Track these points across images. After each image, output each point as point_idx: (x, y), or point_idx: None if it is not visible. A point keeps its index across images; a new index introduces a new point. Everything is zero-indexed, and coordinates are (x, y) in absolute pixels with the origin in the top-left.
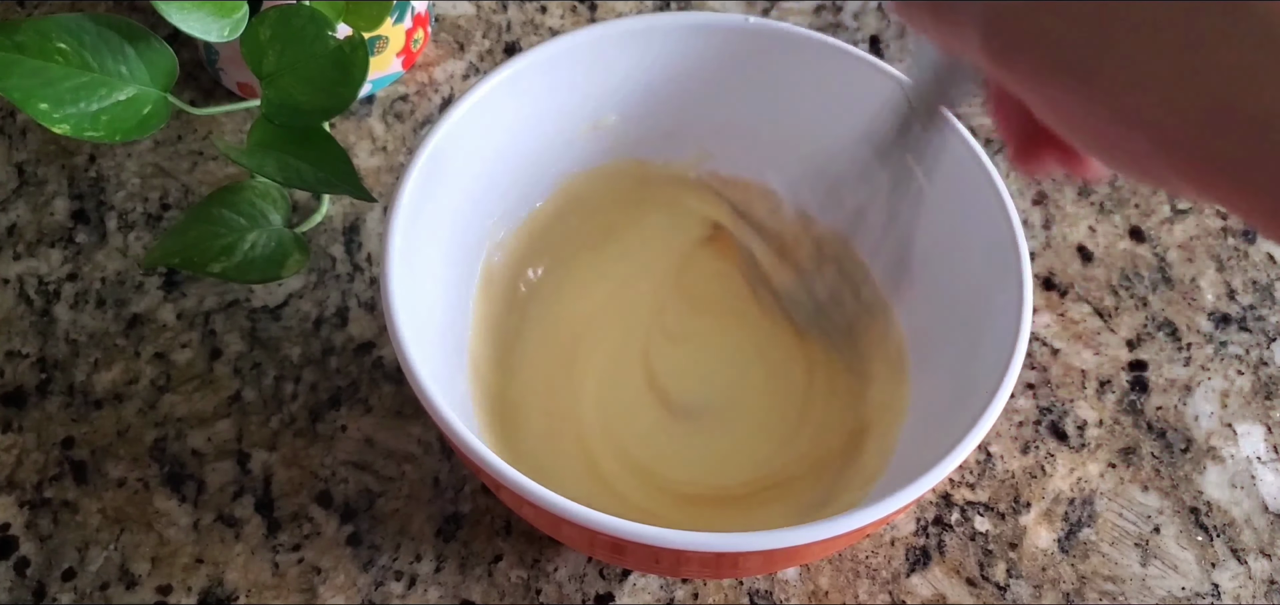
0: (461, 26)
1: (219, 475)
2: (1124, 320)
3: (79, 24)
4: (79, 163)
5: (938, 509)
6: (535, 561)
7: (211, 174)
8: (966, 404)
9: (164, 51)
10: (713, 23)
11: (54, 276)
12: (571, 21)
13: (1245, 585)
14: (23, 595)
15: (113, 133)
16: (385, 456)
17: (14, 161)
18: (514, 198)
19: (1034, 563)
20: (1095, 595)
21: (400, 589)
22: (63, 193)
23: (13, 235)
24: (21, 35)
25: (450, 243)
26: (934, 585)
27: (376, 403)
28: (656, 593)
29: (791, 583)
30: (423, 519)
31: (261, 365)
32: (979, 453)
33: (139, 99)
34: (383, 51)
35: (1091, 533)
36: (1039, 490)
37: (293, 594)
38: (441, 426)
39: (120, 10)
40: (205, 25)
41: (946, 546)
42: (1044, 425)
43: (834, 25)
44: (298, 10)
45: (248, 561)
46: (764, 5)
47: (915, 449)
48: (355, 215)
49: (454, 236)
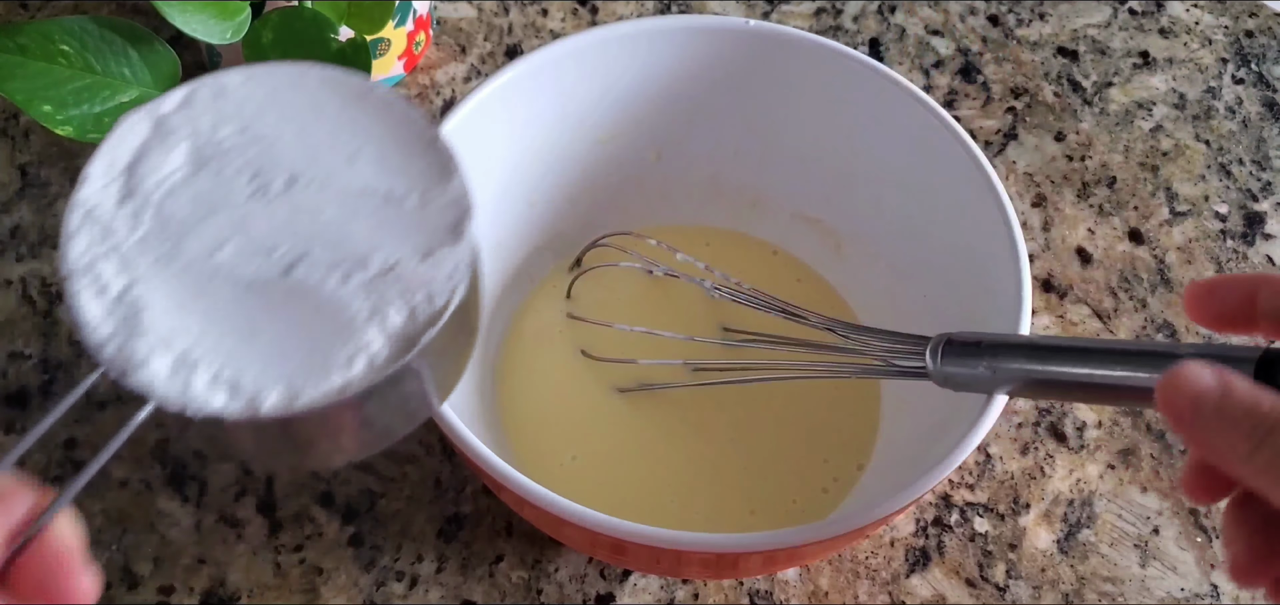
0: (463, 29)
1: (221, 476)
2: (1123, 322)
3: (82, 26)
4: (82, 164)
5: (937, 510)
6: (536, 562)
7: None
8: (966, 405)
9: (166, 54)
10: (713, 26)
11: (57, 278)
12: (573, 24)
13: None
14: None
15: None
16: (387, 458)
17: (17, 163)
18: (516, 199)
19: (1033, 563)
20: (1094, 596)
21: (402, 589)
22: (66, 195)
23: (16, 237)
24: (25, 38)
25: None
26: (933, 586)
27: None
28: (657, 593)
29: (791, 583)
30: (424, 520)
31: None
32: (978, 454)
33: (141, 101)
34: (385, 54)
35: (1091, 534)
36: (1038, 491)
37: (294, 594)
38: (443, 427)
39: (123, 12)
40: (208, 27)
41: (946, 547)
42: (1043, 426)
43: (834, 28)
44: (300, 12)
45: (250, 562)
46: (764, 8)
47: (914, 450)
48: None
49: None
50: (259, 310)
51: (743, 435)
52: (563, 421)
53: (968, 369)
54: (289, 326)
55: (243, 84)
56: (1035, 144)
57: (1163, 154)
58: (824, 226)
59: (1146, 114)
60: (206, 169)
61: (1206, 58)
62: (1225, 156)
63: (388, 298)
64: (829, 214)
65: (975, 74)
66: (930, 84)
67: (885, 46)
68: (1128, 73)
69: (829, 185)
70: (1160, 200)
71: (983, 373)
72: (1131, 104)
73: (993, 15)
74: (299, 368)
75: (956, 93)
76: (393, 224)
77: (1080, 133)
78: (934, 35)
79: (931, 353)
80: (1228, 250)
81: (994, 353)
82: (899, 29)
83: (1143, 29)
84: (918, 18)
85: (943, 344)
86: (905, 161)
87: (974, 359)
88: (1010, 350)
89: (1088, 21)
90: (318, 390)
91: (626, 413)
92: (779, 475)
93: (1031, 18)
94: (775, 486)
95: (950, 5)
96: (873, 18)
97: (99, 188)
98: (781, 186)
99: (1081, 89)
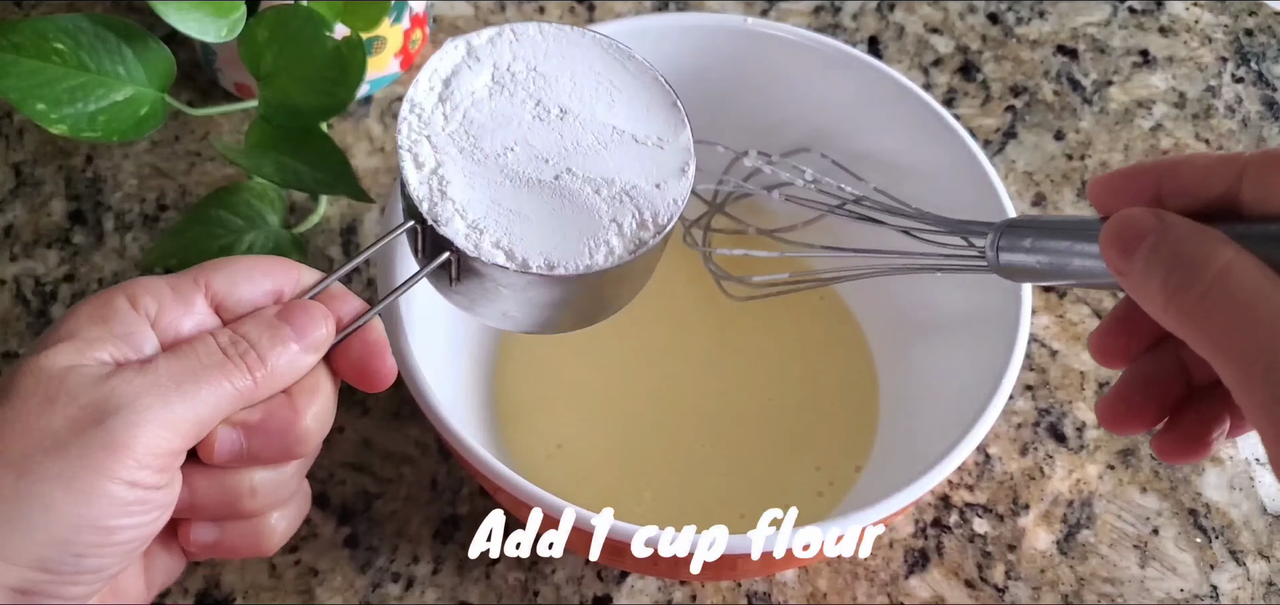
0: (459, 27)
1: None
2: None
3: (76, 24)
4: (76, 163)
5: (936, 510)
6: (533, 563)
7: (209, 175)
8: (965, 405)
9: (161, 52)
10: (711, 24)
11: (51, 277)
12: (570, 22)
13: (1244, 587)
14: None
15: (110, 133)
16: (383, 458)
17: (11, 162)
18: None
19: (1033, 564)
20: (1094, 597)
21: (397, 590)
22: (60, 193)
23: (10, 236)
24: (19, 35)
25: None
26: (932, 587)
27: (374, 404)
28: (654, 594)
29: (790, 584)
30: (420, 521)
31: None
32: (978, 454)
33: (136, 99)
34: (380, 52)
35: (1090, 534)
36: (1038, 492)
37: (290, 595)
38: (439, 428)
39: (117, 11)
40: (203, 26)
41: (945, 548)
42: (1043, 427)
43: (833, 26)
44: (295, 11)
45: (245, 563)
46: (763, 6)
47: (913, 450)
48: (353, 216)
49: None
50: (531, 202)
51: (741, 435)
52: (561, 421)
53: (1020, 258)
54: (552, 217)
55: (536, 34)
56: (1035, 142)
57: (1162, 153)
58: (823, 225)
59: (1146, 113)
60: (502, 91)
61: (1206, 56)
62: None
63: (625, 210)
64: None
65: (975, 72)
66: (929, 82)
67: (884, 44)
68: (1127, 71)
69: (828, 184)
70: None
71: (1032, 261)
72: (1131, 103)
73: (992, 13)
74: (556, 247)
75: (956, 91)
76: (636, 158)
77: (1080, 131)
78: (933, 33)
79: (991, 242)
80: None
81: (1039, 232)
82: (898, 27)
83: (1142, 27)
84: (917, 16)
85: (1003, 229)
86: (904, 160)
87: (1022, 244)
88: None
89: (1087, 20)
90: (569, 265)
91: (626, 415)
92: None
93: (1031, 16)
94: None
95: (950, 3)
96: (872, 16)
97: (424, 91)
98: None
99: (1081, 87)
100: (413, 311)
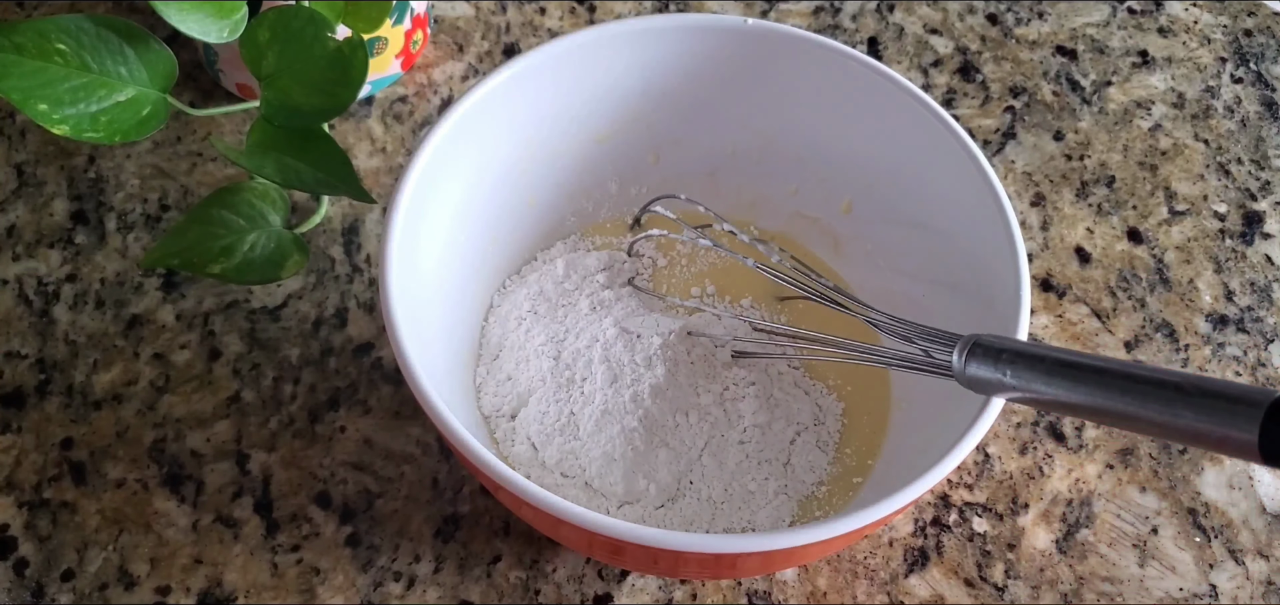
0: (460, 28)
1: (218, 476)
2: (1122, 321)
3: (78, 25)
4: (78, 164)
5: (936, 510)
6: (534, 562)
7: (210, 175)
8: (965, 404)
9: (163, 53)
10: (711, 24)
11: (53, 277)
12: (570, 23)
13: (1243, 586)
14: (22, 596)
15: (112, 134)
16: (384, 457)
17: (13, 162)
18: (514, 198)
19: (1032, 563)
20: (1093, 596)
21: (399, 589)
22: (62, 194)
23: (12, 236)
24: (21, 36)
25: (449, 244)
26: (932, 586)
27: (375, 404)
28: (655, 593)
29: (790, 583)
30: (421, 520)
31: (260, 366)
32: (977, 453)
33: (138, 100)
34: (382, 53)
35: (1089, 533)
36: (1037, 491)
37: (291, 594)
38: (440, 428)
39: (119, 11)
40: (204, 26)
41: (945, 547)
42: (1042, 426)
43: (832, 27)
44: (297, 11)
45: (246, 562)
46: (763, 6)
47: (913, 449)
48: (354, 216)
49: (453, 238)
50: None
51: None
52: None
53: (991, 374)
54: None
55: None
56: (1034, 143)
57: (1161, 153)
58: (822, 226)
59: (1145, 113)
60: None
61: (1205, 57)
62: (1224, 156)
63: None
64: (827, 213)
65: (974, 73)
66: (929, 83)
67: (884, 45)
68: (1126, 72)
69: (827, 185)
70: (1159, 199)
71: (1007, 381)
72: (1130, 103)
73: (991, 14)
74: None
75: (955, 92)
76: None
77: (1079, 132)
78: (932, 34)
79: (959, 352)
80: (1226, 250)
81: (1014, 361)
82: (897, 28)
83: (1141, 28)
84: (916, 16)
85: (970, 346)
86: (904, 161)
87: (997, 365)
88: (1031, 362)
89: (1086, 20)
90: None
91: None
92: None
93: (1030, 16)
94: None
95: (949, 4)
96: (871, 16)
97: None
98: (780, 185)
99: (1080, 88)
100: (412, 311)
